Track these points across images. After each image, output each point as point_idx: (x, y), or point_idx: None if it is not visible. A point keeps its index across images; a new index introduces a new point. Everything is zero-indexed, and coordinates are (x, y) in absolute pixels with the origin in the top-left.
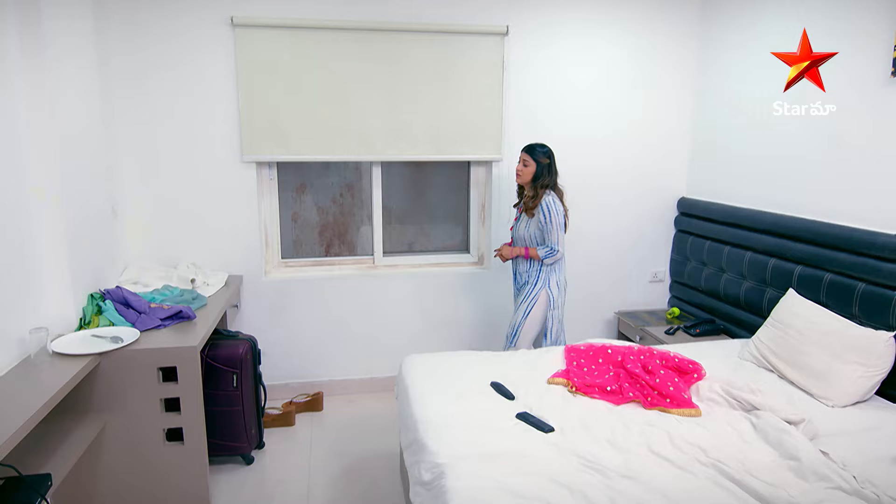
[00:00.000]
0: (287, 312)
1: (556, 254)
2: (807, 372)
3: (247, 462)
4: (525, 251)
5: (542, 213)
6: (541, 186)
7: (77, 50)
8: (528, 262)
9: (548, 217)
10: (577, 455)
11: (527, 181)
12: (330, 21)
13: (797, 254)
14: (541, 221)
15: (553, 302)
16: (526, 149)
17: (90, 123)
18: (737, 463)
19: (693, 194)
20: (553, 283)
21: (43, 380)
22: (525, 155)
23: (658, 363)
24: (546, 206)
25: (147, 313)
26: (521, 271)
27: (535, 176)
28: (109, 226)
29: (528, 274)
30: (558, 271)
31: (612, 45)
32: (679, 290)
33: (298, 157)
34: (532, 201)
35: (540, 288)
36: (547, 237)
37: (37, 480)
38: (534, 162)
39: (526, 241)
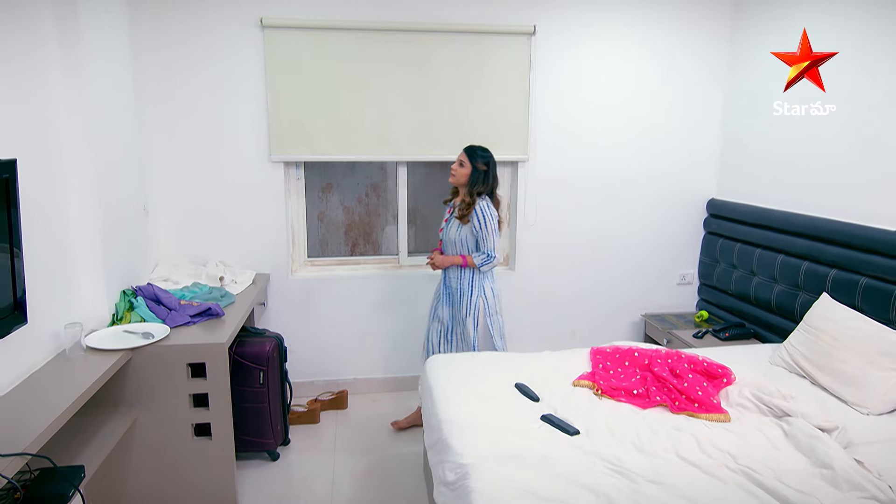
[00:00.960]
0: (313, 311)
1: (492, 261)
2: (841, 378)
3: (272, 458)
4: (463, 259)
5: (477, 218)
6: (476, 193)
7: (111, 44)
8: (460, 269)
9: (483, 223)
10: (602, 458)
11: (461, 183)
12: (357, 22)
13: (831, 257)
14: (475, 227)
15: (489, 309)
16: (466, 150)
17: (123, 120)
18: (767, 470)
19: (723, 196)
20: (488, 289)
21: (77, 374)
22: (463, 155)
23: (686, 367)
24: (480, 212)
25: (177, 310)
26: (453, 278)
27: (471, 181)
28: (141, 224)
29: (459, 281)
30: (492, 278)
31: (640, 45)
32: (708, 292)
33: (325, 157)
34: (467, 208)
35: (477, 296)
36: (482, 243)
37: (70, 472)
38: (470, 165)
39: (457, 245)
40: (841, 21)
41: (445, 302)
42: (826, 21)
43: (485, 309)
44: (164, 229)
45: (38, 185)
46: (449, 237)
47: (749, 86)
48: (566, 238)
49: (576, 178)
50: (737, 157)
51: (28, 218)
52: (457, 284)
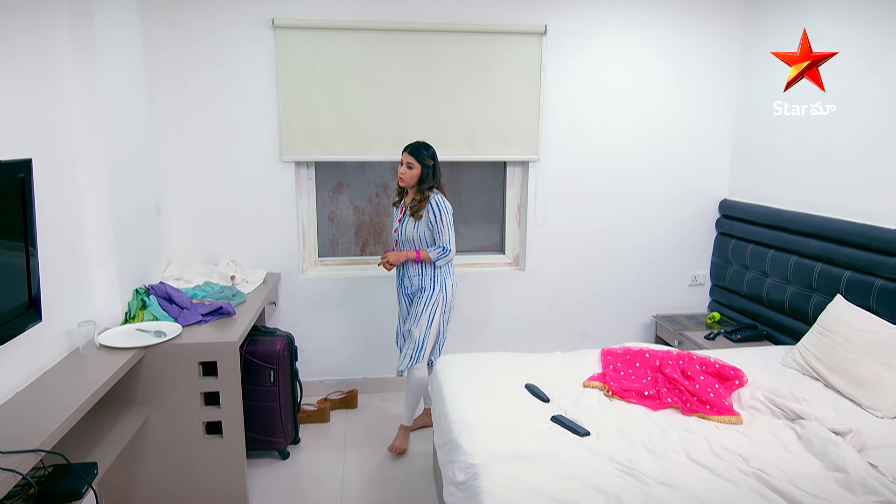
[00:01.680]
0: (323, 310)
1: (448, 254)
2: (855, 381)
3: (283, 457)
4: (416, 254)
5: (432, 212)
6: (427, 189)
7: (125, 43)
8: (419, 265)
9: (438, 216)
10: (612, 460)
11: (411, 185)
12: (368, 22)
13: (846, 258)
14: (430, 221)
15: (447, 304)
16: (410, 151)
17: (136, 119)
18: (779, 473)
19: (735, 196)
20: (448, 285)
21: (90, 371)
22: (409, 157)
23: (698, 368)
24: (436, 205)
25: (189, 309)
26: (412, 276)
27: (420, 180)
28: (154, 223)
29: (421, 278)
30: (451, 272)
31: (651, 45)
32: (720, 294)
33: (336, 157)
34: (419, 204)
35: (438, 291)
36: (438, 237)
37: (83, 468)
38: (419, 165)
39: (415, 242)
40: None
41: (406, 301)
42: (837, 21)
43: (444, 304)
44: (177, 228)
45: (52, 185)
46: (406, 236)
47: (761, 86)
48: (577, 238)
49: (586, 178)
50: (749, 157)
51: (42, 217)
52: (418, 282)
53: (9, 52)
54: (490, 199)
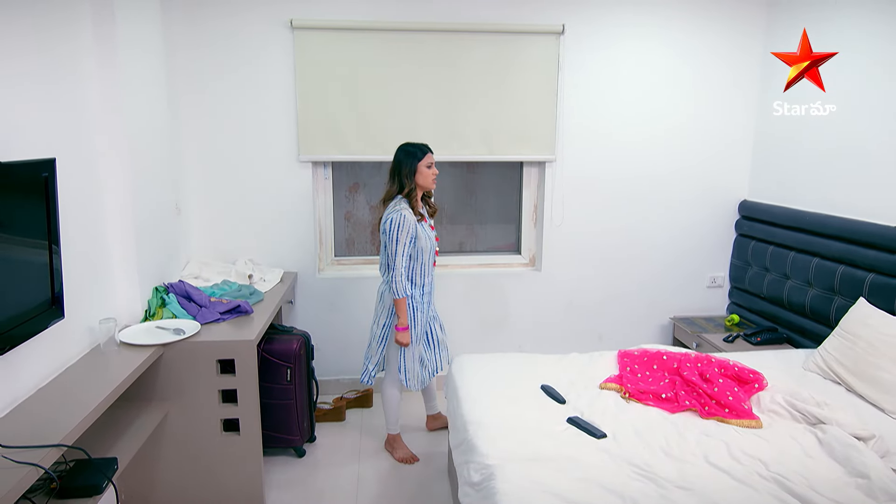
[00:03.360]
0: (339, 309)
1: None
2: (878, 385)
3: (299, 455)
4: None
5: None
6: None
7: (146, 42)
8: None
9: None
10: (629, 463)
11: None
12: (385, 23)
13: (869, 261)
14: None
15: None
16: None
17: (157, 119)
18: (800, 478)
19: (755, 197)
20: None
21: (111, 368)
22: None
23: (716, 371)
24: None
25: (207, 307)
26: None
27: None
28: (173, 222)
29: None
30: None
31: (669, 45)
32: (739, 296)
33: (353, 157)
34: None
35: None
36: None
37: (104, 464)
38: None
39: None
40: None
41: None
42: (858, 20)
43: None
44: (196, 228)
45: (74, 184)
46: (432, 242)
47: (782, 85)
48: (594, 239)
49: (604, 178)
50: (769, 157)
51: (65, 215)
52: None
53: (31, 50)
54: (506, 200)
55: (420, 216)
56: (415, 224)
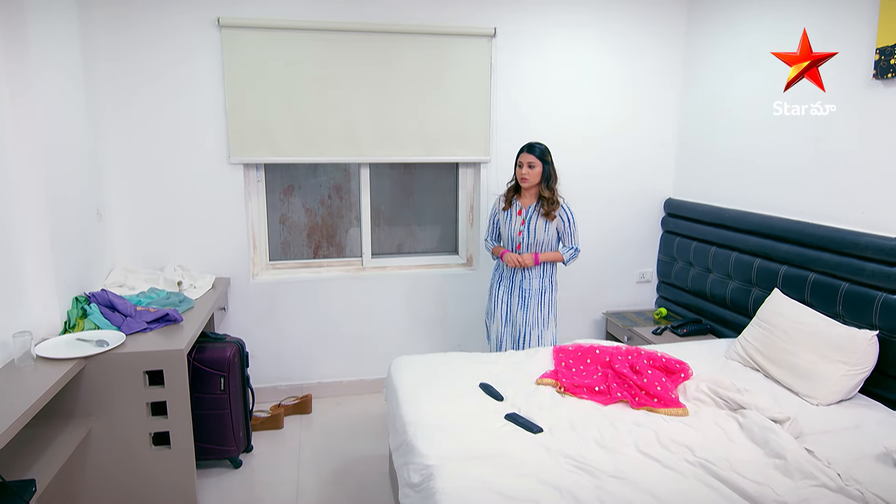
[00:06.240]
0: (275, 315)
1: (578, 254)
2: (792, 371)
3: (235, 466)
4: (555, 256)
5: (566, 214)
6: (554, 186)
7: (62, 52)
8: (540, 266)
9: (570, 219)
10: (565, 455)
11: (534, 183)
12: (318, 22)
13: (782, 254)
14: (562, 223)
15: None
16: (528, 150)
17: (75, 125)
18: (724, 462)
19: (679, 195)
20: (557, 284)
21: (27, 384)
22: (530, 157)
23: (646, 363)
24: (567, 208)
25: (133, 316)
26: (534, 277)
27: (544, 178)
28: (95, 228)
29: (541, 280)
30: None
31: (600, 46)
32: (666, 290)
33: (286, 159)
34: (553, 206)
35: (553, 293)
36: (571, 238)
37: (20, 486)
38: (541, 163)
39: (543, 244)
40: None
41: (520, 305)
42: (783, 18)
43: (557, 305)
44: (120, 234)
45: None
46: (536, 238)
47: (703, 86)
48: None
49: None
50: (693, 156)
51: None
52: (538, 284)
53: None
54: (443, 201)
55: (507, 204)
56: (498, 209)
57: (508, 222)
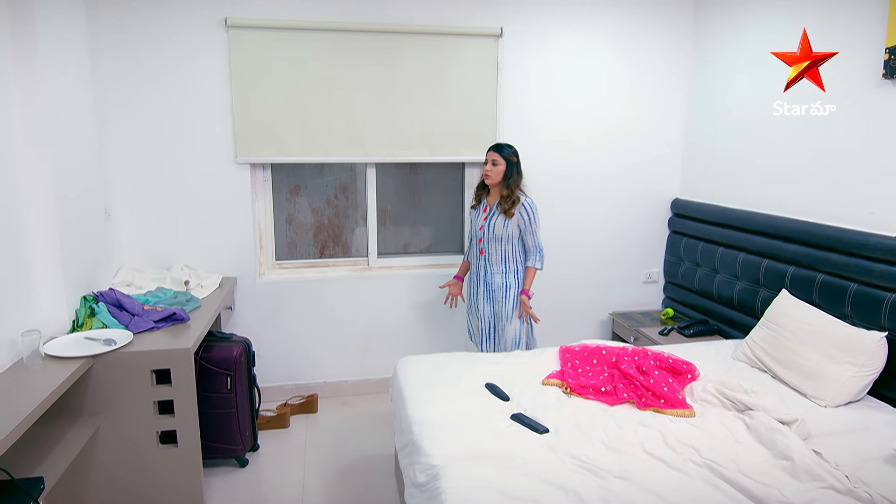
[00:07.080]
0: (281, 314)
1: (542, 253)
2: (800, 372)
3: (241, 464)
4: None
5: (525, 213)
6: (514, 186)
7: (70, 51)
8: (502, 264)
9: (531, 218)
10: (571, 456)
11: (497, 182)
12: (324, 22)
13: (790, 255)
14: (522, 222)
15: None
16: (495, 148)
17: (83, 124)
18: (730, 463)
19: (686, 195)
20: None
21: (35, 383)
22: (494, 155)
23: (652, 364)
24: (528, 207)
25: (140, 315)
26: (496, 273)
27: (506, 176)
28: (103, 228)
29: (504, 276)
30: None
31: (606, 46)
32: (673, 290)
33: (292, 159)
34: (513, 204)
35: (518, 287)
36: (532, 238)
37: (29, 484)
38: (504, 161)
39: (503, 240)
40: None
41: (486, 299)
42: (789, 18)
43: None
44: (128, 233)
45: None
46: (494, 233)
47: (709, 85)
48: None
49: (543, 178)
50: (700, 156)
51: None
52: (501, 280)
53: None
54: (449, 200)
55: (476, 202)
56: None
57: (475, 219)
